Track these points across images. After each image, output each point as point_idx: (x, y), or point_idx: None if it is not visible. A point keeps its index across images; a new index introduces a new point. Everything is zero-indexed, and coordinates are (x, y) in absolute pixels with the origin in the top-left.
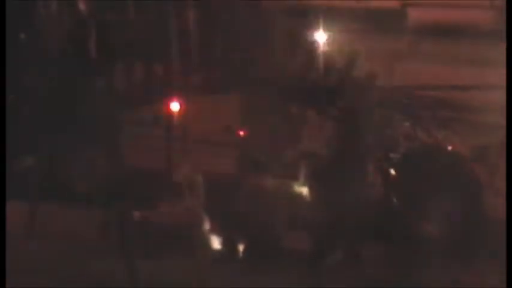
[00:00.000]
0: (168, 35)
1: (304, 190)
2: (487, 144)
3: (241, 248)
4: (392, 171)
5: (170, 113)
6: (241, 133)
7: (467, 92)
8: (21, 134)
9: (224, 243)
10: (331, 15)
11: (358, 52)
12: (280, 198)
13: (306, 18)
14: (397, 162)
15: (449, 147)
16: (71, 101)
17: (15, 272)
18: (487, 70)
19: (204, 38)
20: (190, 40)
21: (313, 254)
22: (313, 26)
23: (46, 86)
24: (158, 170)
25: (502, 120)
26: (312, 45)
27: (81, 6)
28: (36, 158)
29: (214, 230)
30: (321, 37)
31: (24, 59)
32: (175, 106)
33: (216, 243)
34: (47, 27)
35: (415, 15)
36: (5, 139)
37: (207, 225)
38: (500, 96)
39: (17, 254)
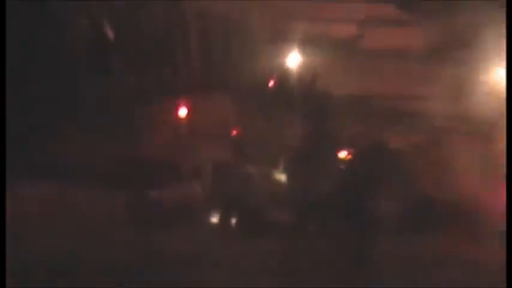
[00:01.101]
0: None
1: (283, 176)
2: (424, 141)
3: (234, 220)
4: (350, 162)
5: (177, 110)
6: (235, 131)
7: (409, 101)
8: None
9: (221, 217)
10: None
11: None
12: (264, 182)
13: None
14: (354, 155)
15: (393, 145)
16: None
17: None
18: (426, 84)
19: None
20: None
21: (291, 225)
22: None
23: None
24: (170, 159)
25: (435, 123)
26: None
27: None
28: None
29: (214, 207)
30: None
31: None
32: (181, 104)
33: (215, 217)
34: (58, 28)
35: (370, 39)
36: (5, 138)
37: (209, 203)
38: (432, 106)
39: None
